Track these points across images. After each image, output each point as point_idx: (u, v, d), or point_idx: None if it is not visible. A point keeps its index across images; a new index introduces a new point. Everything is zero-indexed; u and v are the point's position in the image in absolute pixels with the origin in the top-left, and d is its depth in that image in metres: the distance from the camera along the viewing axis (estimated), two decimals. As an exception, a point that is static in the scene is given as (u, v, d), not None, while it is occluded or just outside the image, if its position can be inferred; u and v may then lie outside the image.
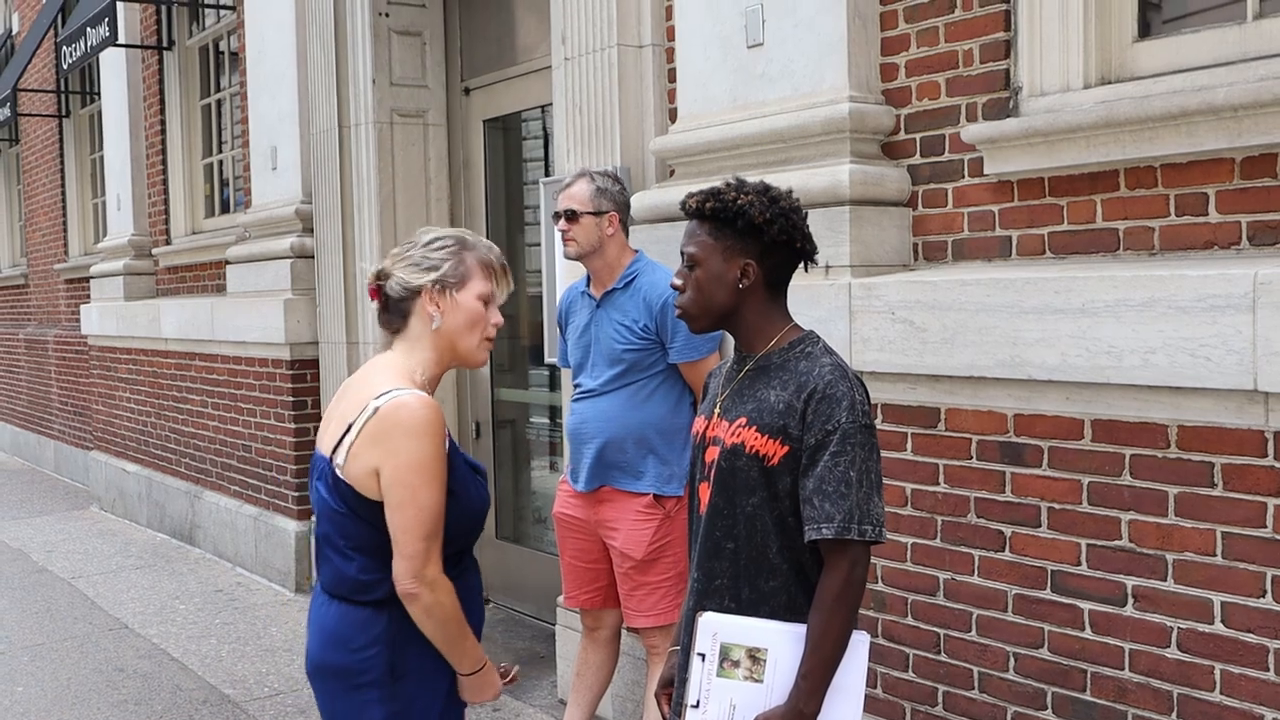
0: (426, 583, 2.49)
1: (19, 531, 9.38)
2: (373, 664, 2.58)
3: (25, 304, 13.88)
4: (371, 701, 2.59)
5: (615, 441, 3.96)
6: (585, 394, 4.08)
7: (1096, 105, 3.13)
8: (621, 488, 3.98)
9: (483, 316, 2.63)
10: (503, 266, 2.71)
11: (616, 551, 3.99)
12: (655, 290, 3.93)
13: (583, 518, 4.09)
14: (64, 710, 5.28)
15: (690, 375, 3.95)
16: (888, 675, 3.61)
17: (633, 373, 3.96)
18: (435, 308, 2.59)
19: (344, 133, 6.56)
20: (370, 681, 2.58)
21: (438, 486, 2.49)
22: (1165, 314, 2.82)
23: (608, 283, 4.05)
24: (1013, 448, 3.24)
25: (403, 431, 2.47)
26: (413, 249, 2.64)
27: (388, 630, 2.57)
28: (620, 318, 3.98)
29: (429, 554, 2.48)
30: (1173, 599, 2.93)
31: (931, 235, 3.61)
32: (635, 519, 3.95)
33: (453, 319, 2.60)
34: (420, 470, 2.47)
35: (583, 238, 3.99)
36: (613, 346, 3.98)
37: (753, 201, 2.40)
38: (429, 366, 2.62)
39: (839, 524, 2.26)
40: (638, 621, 4.01)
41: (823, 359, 2.39)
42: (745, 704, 2.33)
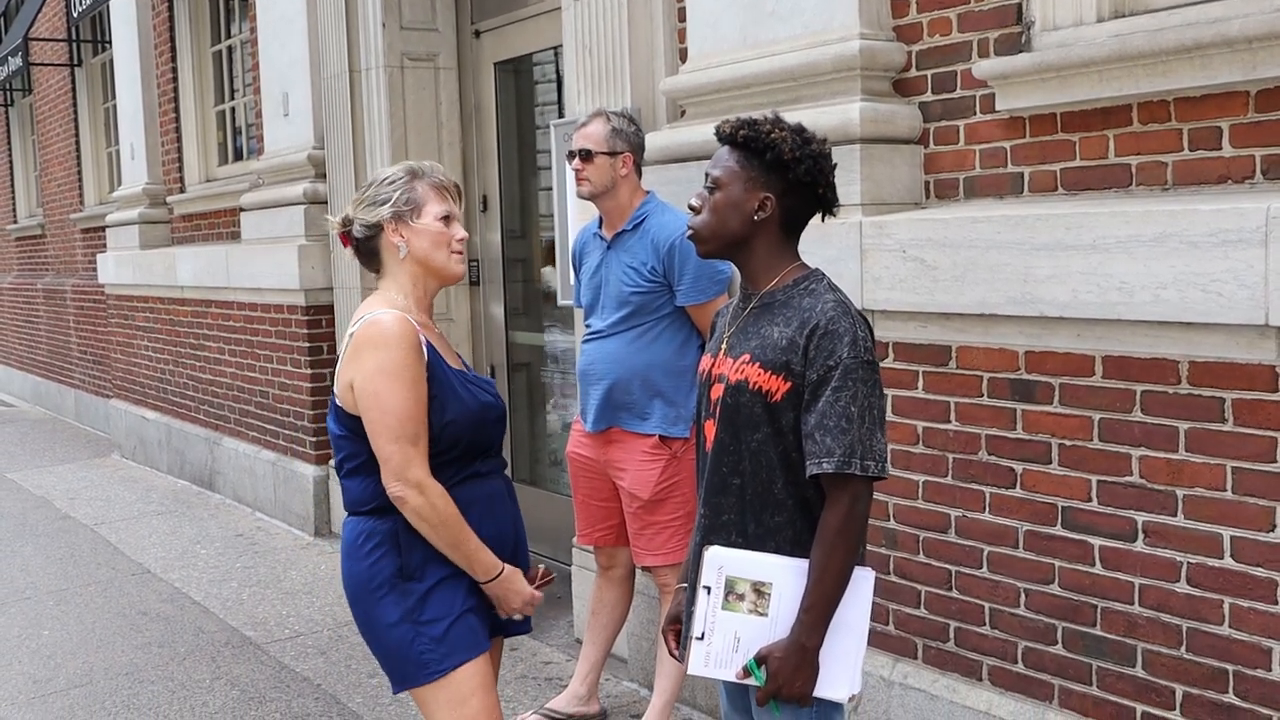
0: (411, 485, 2.65)
1: (42, 479, 9.47)
2: (381, 567, 2.74)
3: (43, 254, 13.93)
4: (386, 603, 2.74)
5: (622, 383, 3.99)
6: (594, 335, 4.11)
7: (1110, 39, 3.10)
8: (629, 429, 4.02)
9: (445, 234, 2.83)
10: (455, 186, 2.92)
11: (625, 491, 4.04)
12: (664, 232, 3.92)
13: (593, 457, 4.14)
14: (89, 653, 5.36)
15: (697, 317, 3.94)
16: (899, 611, 3.63)
17: (639, 315, 3.98)
18: (399, 237, 2.81)
19: (355, 77, 6.53)
20: (381, 583, 2.74)
21: (404, 389, 2.64)
22: (1177, 249, 2.80)
23: (618, 224, 4.04)
24: (1023, 385, 3.24)
25: (370, 344, 2.68)
26: (368, 189, 2.86)
27: (391, 534, 2.74)
28: (629, 260, 3.98)
29: (406, 457, 2.64)
30: (1182, 534, 2.94)
31: (943, 173, 3.59)
32: (642, 459, 3.99)
33: (417, 243, 2.81)
34: (384, 375, 2.65)
35: (596, 178, 3.98)
36: (620, 289, 3.99)
37: (785, 138, 2.40)
38: (409, 291, 2.83)
39: (839, 458, 2.27)
40: (646, 560, 4.07)
41: (826, 295, 2.39)
42: (749, 637, 2.36)
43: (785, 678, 2.32)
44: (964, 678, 3.47)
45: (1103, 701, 3.13)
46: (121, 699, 4.80)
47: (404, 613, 2.73)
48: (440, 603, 2.74)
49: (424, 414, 2.68)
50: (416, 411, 2.66)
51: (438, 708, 2.76)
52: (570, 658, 4.95)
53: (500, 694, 4.52)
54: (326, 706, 4.60)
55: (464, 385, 2.79)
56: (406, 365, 2.66)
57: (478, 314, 6.59)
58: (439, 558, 2.74)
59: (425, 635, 2.72)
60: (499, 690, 4.56)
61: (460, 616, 2.75)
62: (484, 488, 2.84)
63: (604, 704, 4.46)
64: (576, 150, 4.00)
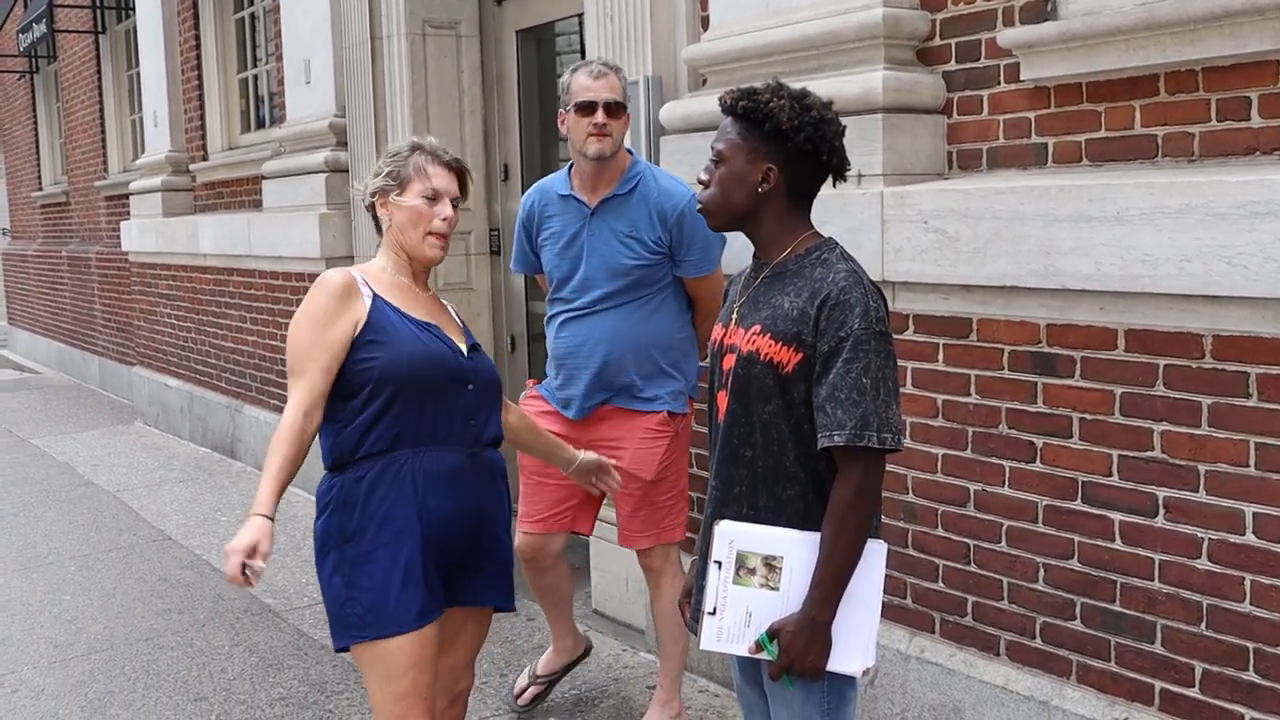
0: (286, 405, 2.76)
1: (66, 445, 9.54)
2: (327, 527, 2.80)
3: (67, 221, 13.99)
4: (329, 561, 2.80)
5: (616, 361, 3.72)
6: (577, 311, 3.76)
7: (1137, 7, 3.04)
8: (625, 406, 3.77)
9: (424, 214, 2.88)
10: (456, 163, 2.96)
11: (620, 472, 3.60)
12: (670, 200, 3.68)
13: (568, 435, 3.72)
14: (110, 618, 5.40)
15: (702, 288, 3.77)
16: (917, 585, 3.61)
17: (638, 287, 3.70)
18: (384, 211, 2.92)
19: (376, 45, 6.50)
20: (326, 541, 2.80)
21: (304, 328, 2.77)
22: (1202, 221, 2.76)
23: (606, 188, 3.72)
24: (1045, 358, 3.21)
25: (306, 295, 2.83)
26: (380, 160, 2.97)
27: (334, 495, 2.80)
28: (626, 229, 3.68)
29: (292, 386, 2.78)
30: (1204, 510, 2.90)
31: (966, 143, 3.54)
32: (645, 437, 3.76)
33: (397, 218, 2.89)
34: (295, 318, 2.80)
35: (619, 136, 3.67)
36: (618, 260, 3.68)
37: (784, 106, 2.36)
38: (395, 260, 2.94)
39: (851, 431, 2.25)
40: (639, 543, 3.86)
41: (838, 265, 2.36)
42: (761, 611, 2.34)
43: (797, 652, 2.31)
44: (981, 652, 3.45)
45: (1121, 678, 3.11)
46: (141, 664, 4.84)
47: (341, 573, 2.77)
48: (374, 570, 2.74)
49: (319, 353, 2.74)
50: (309, 348, 2.75)
51: (370, 676, 2.80)
52: (588, 628, 4.94)
53: (517, 663, 4.55)
54: (344, 674, 4.61)
55: (414, 332, 2.82)
56: (317, 308, 2.77)
57: (498, 284, 6.57)
58: (377, 523, 2.75)
59: (355, 600, 2.75)
60: (516, 660, 4.58)
61: (395, 588, 2.73)
62: (447, 459, 2.83)
63: (619, 673, 4.46)
64: (602, 102, 3.63)
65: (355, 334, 2.78)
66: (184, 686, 4.60)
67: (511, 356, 6.58)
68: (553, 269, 3.83)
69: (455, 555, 2.85)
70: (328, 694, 4.46)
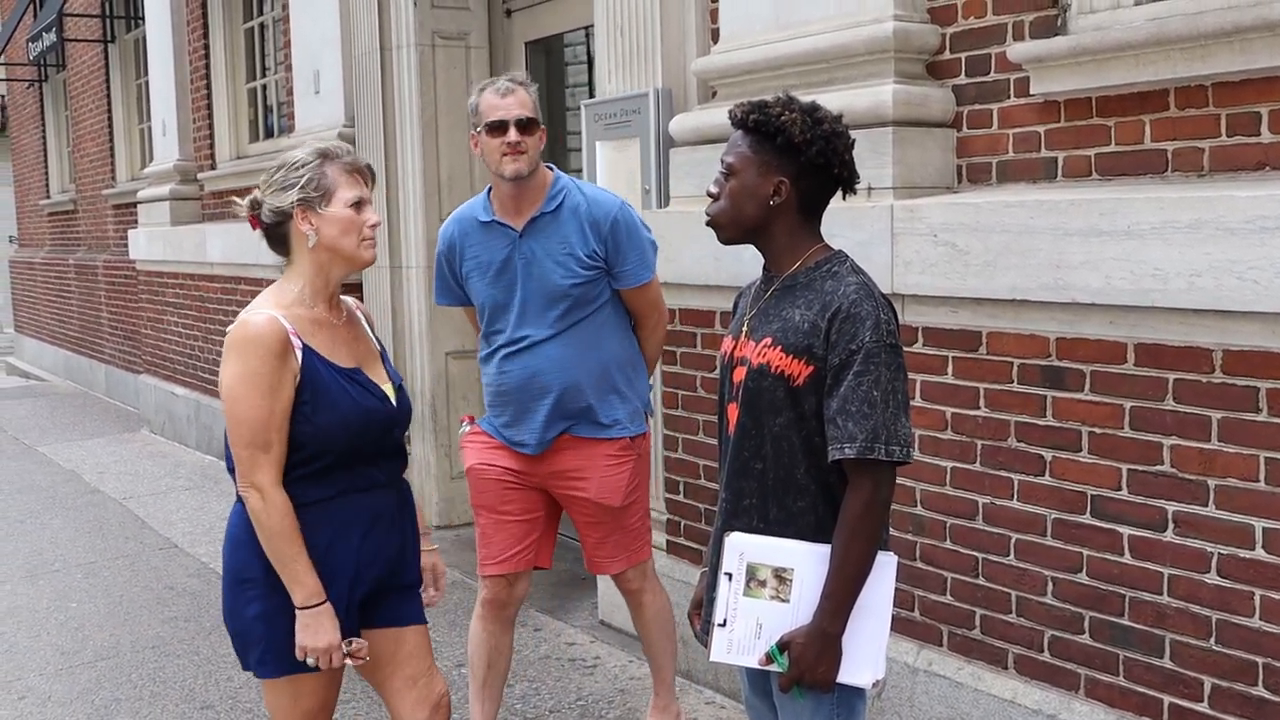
0: (254, 489, 2.63)
1: (72, 453, 9.55)
2: (252, 562, 2.71)
3: (74, 229, 14.02)
4: (251, 599, 2.73)
5: (572, 389, 3.57)
6: (521, 344, 3.59)
7: (1147, 22, 3.05)
8: (584, 435, 3.62)
9: (355, 221, 2.73)
10: (368, 169, 2.80)
11: (585, 502, 3.64)
12: (601, 209, 3.55)
13: (525, 470, 3.65)
14: (116, 625, 5.40)
15: (642, 299, 3.67)
16: (925, 598, 3.61)
17: (578, 309, 3.55)
18: (308, 225, 2.71)
19: (386, 56, 6.53)
20: (249, 579, 2.73)
21: (258, 397, 2.61)
22: (1213, 236, 2.77)
23: (532, 208, 3.55)
24: (1054, 371, 3.21)
25: (233, 348, 2.65)
26: (278, 173, 2.76)
27: None
28: (558, 247, 3.53)
29: (255, 463, 2.61)
30: (1213, 524, 2.90)
31: (976, 157, 3.55)
32: (609, 465, 3.63)
33: (326, 231, 2.72)
34: (240, 382, 2.62)
35: (534, 152, 3.50)
36: (555, 283, 3.52)
37: (795, 120, 2.36)
38: (312, 281, 2.76)
39: (861, 444, 2.25)
40: (611, 568, 3.77)
41: (848, 278, 2.36)
42: (771, 623, 2.35)
43: (808, 664, 2.31)
44: (989, 666, 3.45)
45: (1129, 692, 3.11)
46: (148, 671, 4.84)
47: (261, 612, 2.71)
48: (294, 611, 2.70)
49: (279, 422, 2.62)
50: (268, 420, 2.61)
51: (279, 693, 2.79)
52: (594, 639, 4.95)
53: (523, 674, 4.56)
54: (350, 684, 4.60)
55: (345, 389, 2.71)
56: (263, 373, 2.60)
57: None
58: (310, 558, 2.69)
59: (273, 637, 2.70)
60: (523, 671, 4.58)
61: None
62: (369, 503, 2.77)
63: (625, 684, 4.47)
64: (513, 120, 3.47)
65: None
66: (190, 695, 4.60)
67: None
68: (484, 300, 3.63)
69: (377, 586, 2.83)
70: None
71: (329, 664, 2.68)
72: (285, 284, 2.77)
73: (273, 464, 2.63)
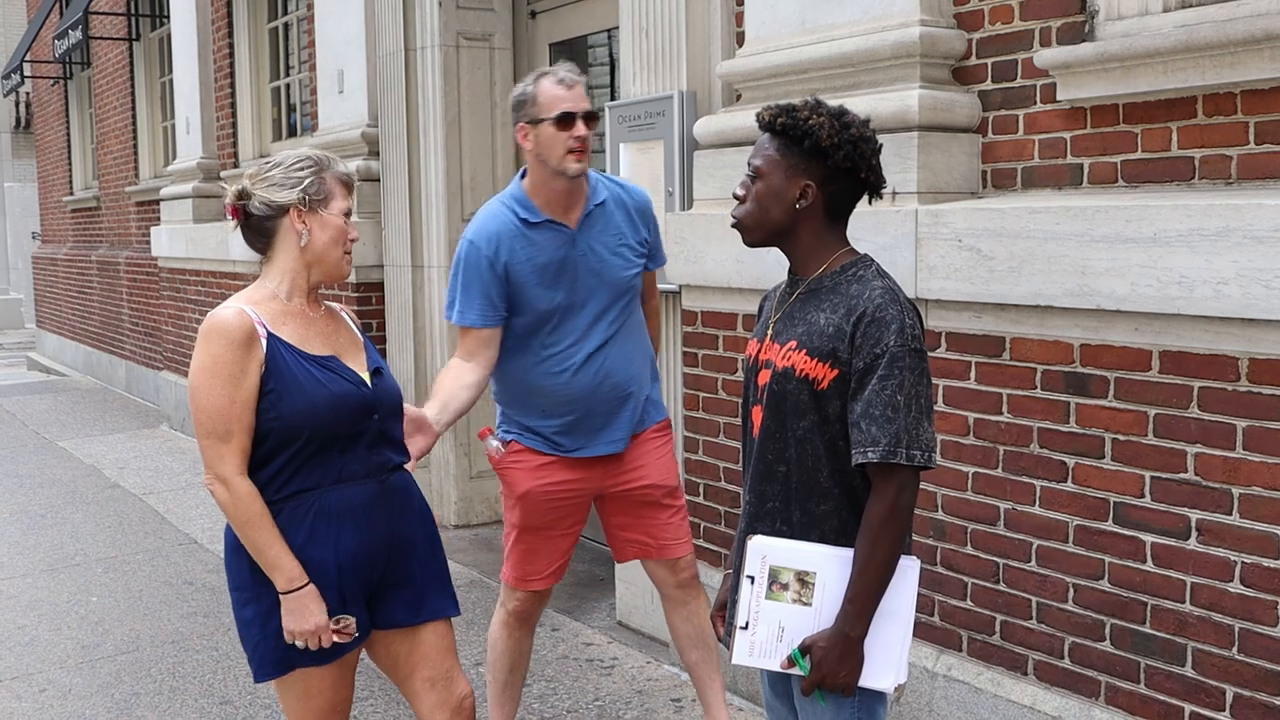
0: (219, 480, 2.63)
1: (93, 448, 9.60)
2: (243, 565, 2.73)
3: (97, 226, 14.09)
4: (245, 601, 2.75)
5: (639, 381, 3.53)
6: (594, 347, 3.44)
7: (1176, 29, 3.05)
8: (650, 423, 3.59)
9: (343, 231, 2.77)
10: (354, 183, 2.83)
11: (648, 488, 3.56)
12: (639, 195, 3.54)
13: (581, 479, 3.53)
14: (136, 620, 5.43)
15: (653, 275, 3.69)
16: (945, 603, 3.61)
17: (632, 300, 3.51)
18: (303, 225, 2.73)
19: (410, 56, 6.55)
20: (242, 582, 2.74)
21: (219, 386, 2.61)
22: (1240, 244, 2.76)
23: (580, 204, 3.43)
24: (1078, 378, 3.20)
25: (201, 339, 2.66)
26: (273, 169, 2.75)
27: None
28: (614, 239, 3.45)
29: (217, 453, 2.62)
30: (1237, 533, 2.89)
31: (1001, 162, 3.55)
32: (657, 446, 3.60)
33: (320, 235, 2.74)
34: (203, 371, 2.63)
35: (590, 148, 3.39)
36: (619, 276, 3.44)
37: (823, 124, 2.37)
38: (294, 280, 2.77)
39: (885, 448, 2.25)
40: (683, 549, 3.67)
41: (874, 282, 2.36)
42: (793, 627, 2.35)
43: (830, 667, 2.31)
44: (1009, 672, 3.44)
45: (1150, 700, 3.10)
46: (167, 666, 4.86)
47: (254, 614, 2.72)
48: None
49: (240, 412, 2.62)
50: (229, 409, 2.61)
51: (289, 694, 2.81)
52: (612, 640, 4.96)
53: (541, 674, 4.56)
54: (368, 681, 4.63)
55: (313, 375, 2.69)
56: (225, 362, 2.61)
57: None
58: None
59: (269, 640, 2.71)
60: (540, 671, 4.59)
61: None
62: (343, 496, 2.74)
63: (643, 685, 4.47)
64: (581, 113, 3.33)
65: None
66: (209, 690, 4.63)
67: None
68: (544, 306, 3.41)
69: (375, 584, 2.82)
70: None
71: (318, 645, 2.68)
72: (263, 281, 2.79)
73: (234, 453, 2.62)
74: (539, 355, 3.47)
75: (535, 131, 3.36)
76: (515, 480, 3.53)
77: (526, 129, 3.39)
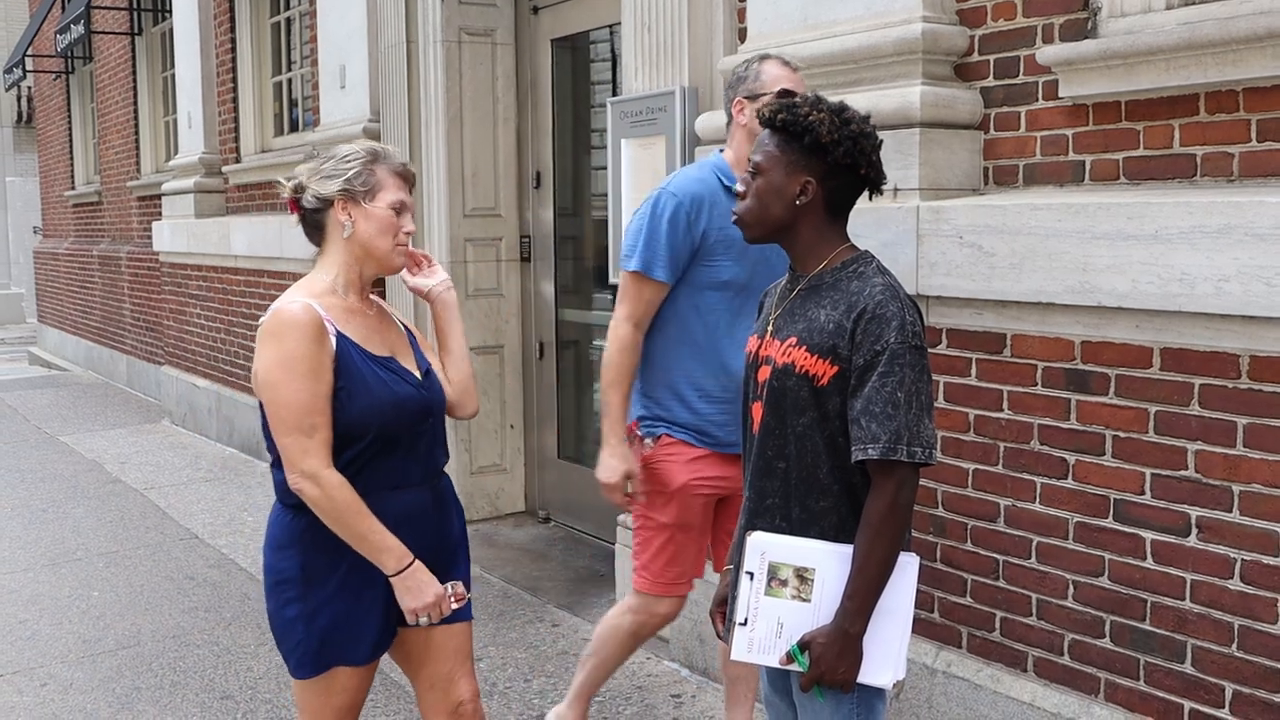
0: (306, 477, 2.60)
1: (94, 443, 9.60)
2: (289, 564, 2.71)
3: (99, 221, 14.09)
4: (289, 600, 2.73)
5: None
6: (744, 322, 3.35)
7: (1179, 27, 3.05)
8: None
9: (394, 224, 2.74)
10: (412, 176, 2.81)
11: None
12: None
13: (731, 474, 3.41)
14: (137, 615, 5.43)
15: None
16: (945, 600, 3.61)
17: None
18: (346, 216, 2.72)
19: (412, 51, 6.55)
20: (287, 580, 2.72)
21: (299, 381, 2.58)
22: (1241, 241, 2.76)
23: None
24: (1079, 375, 3.21)
25: (270, 335, 2.62)
26: (327, 162, 2.76)
27: (303, 534, 2.70)
28: None
29: (302, 449, 2.58)
30: (1238, 530, 2.89)
31: (1003, 159, 3.55)
32: None
33: (364, 227, 2.72)
34: (280, 367, 2.59)
35: None
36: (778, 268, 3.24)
37: (823, 120, 2.37)
38: (345, 272, 2.77)
39: (885, 444, 2.25)
40: None
41: (874, 279, 2.36)
42: (792, 623, 2.35)
43: (828, 664, 2.31)
44: (1008, 668, 3.44)
45: (1150, 697, 3.10)
46: (168, 660, 4.87)
47: (298, 614, 2.70)
48: (336, 614, 2.70)
49: (323, 405, 2.60)
50: (312, 403, 2.58)
51: (310, 693, 2.79)
52: (612, 635, 4.95)
53: (541, 669, 4.57)
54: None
55: (379, 375, 2.69)
56: (302, 356, 2.58)
57: (528, 291, 6.60)
58: (344, 571, 2.69)
59: (311, 639, 2.71)
60: (541, 667, 4.59)
61: (354, 629, 2.72)
62: (414, 502, 2.76)
63: (643, 681, 4.47)
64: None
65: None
66: (210, 685, 4.63)
67: (540, 363, 6.61)
68: (728, 278, 3.36)
69: None
70: (353, 695, 4.47)
71: (441, 615, 2.71)
72: (317, 274, 2.77)
73: (320, 447, 2.59)
74: (713, 331, 3.39)
75: (753, 106, 3.31)
76: (670, 475, 3.42)
77: (744, 103, 3.35)
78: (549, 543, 6.34)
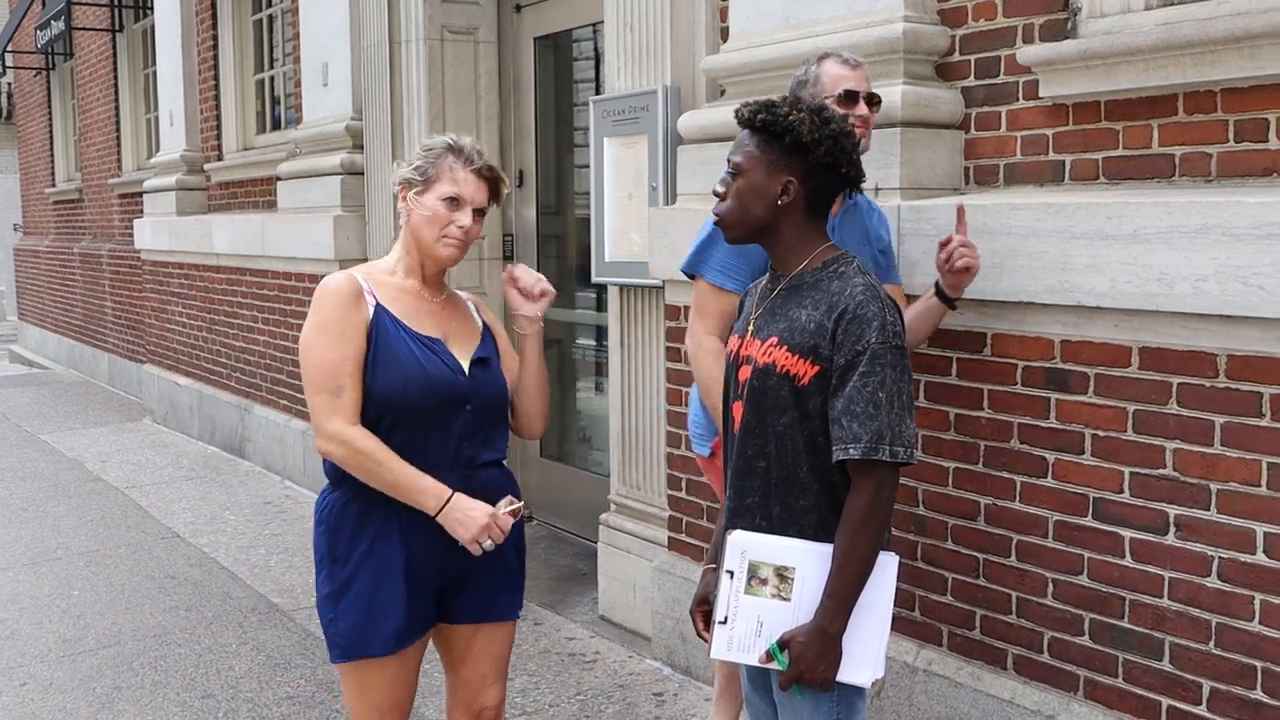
0: (331, 438, 2.65)
1: (75, 442, 9.56)
2: (320, 541, 2.78)
3: (80, 218, 14.03)
4: (323, 579, 2.79)
5: None
6: None
7: (1157, 27, 3.06)
8: None
9: (442, 217, 2.76)
10: (488, 170, 2.81)
11: None
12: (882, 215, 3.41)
13: None
14: (118, 614, 5.42)
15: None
16: (925, 598, 3.62)
17: None
18: (403, 204, 2.80)
19: (395, 49, 6.54)
20: (321, 558, 2.79)
21: (329, 341, 2.65)
22: (1219, 241, 2.77)
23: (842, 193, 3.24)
24: (1058, 374, 3.22)
25: (312, 303, 2.71)
26: (415, 151, 2.85)
27: (330, 513, 2.76)
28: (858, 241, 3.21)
29: (329, 408, 2.64)
30: (1215, 528, 2.91)
31: (983, 159, 3.56)
32: None
33: (416, 216, 2.78)
34: (314, 329, 2.68)
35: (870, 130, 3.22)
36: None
37: (803, 119, 2.37)
38: (405, 257, 2.83)
39: (866, 444, 2.26)
40: None
41: (855, 279, 2.37)
42: (772, 621, 2.35)
43: (808, 663, 2.32)
44: (989, 666, 3.46)
45: (1128, 694, 3.12)
46: (149, 660, 4.85)
47: (329, 593, 2.74)
48: (356, 596, 2.71)
49: (351, 368, 2.65)
50: (340, 364, 2.64)
51: (349, 688, 2.82)
52: (594, 634, 4.96)
53: (523, 668, 4.57)
54: (351, 674, 4.63)
55: (413, 350, 2.69)
56: (334, 320, 2.66)
57: (510, 289, 6.59)
58: (362, 551, 2.70)
59: (337, 621, 2.73)
60: (523, 665, 4.59)
61: (375, 614, 2.71)
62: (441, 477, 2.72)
63: (625, 680, 4.48)
64: (864, 94, 3.16)
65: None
66: (191, 684, 4.62)
67: (522, 362, 6.60)
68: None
69: (445, 578, 2.79)
70: (334, 694, 4.47)
71: (501, 535, 2.69)
72: (387, 256, 2.87)
73: (346, 406, 2.64)
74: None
75: None
76: None
77: None
78: (531, 541, 6.32)
